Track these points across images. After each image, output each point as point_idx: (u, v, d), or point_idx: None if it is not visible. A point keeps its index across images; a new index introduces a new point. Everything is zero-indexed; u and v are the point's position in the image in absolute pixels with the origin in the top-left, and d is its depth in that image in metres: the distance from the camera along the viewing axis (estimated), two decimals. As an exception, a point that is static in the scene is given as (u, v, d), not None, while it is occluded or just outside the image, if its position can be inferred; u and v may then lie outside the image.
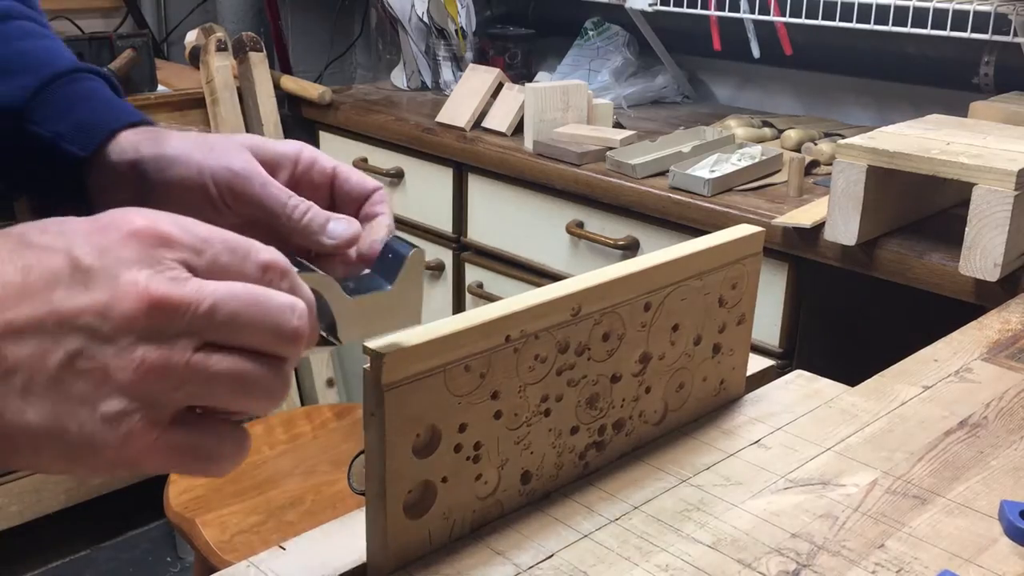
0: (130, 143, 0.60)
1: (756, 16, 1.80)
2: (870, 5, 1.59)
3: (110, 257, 0.37)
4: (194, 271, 0.39)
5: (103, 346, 0.36)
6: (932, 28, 1.53)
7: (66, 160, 0.60)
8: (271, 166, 0.57)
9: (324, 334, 0.47)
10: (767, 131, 1.75)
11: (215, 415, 0.41)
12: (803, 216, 1.31)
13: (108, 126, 0.60)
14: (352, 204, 0.57)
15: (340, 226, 0.53)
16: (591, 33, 2.12)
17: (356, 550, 0.57)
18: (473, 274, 1.85)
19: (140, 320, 0.37)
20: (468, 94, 1.85)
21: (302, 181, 0.57)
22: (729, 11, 1.80)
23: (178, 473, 0.40)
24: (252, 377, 0.39)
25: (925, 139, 1.18)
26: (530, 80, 2.04)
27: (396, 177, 1.94)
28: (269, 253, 0.41)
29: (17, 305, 0.36)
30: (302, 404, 2.13)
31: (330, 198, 0.57)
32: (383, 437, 0.52)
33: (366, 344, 0.51)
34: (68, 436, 0.37)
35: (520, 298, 0.58)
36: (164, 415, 0.38)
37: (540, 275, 1.71)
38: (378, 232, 0.54)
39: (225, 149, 0.57)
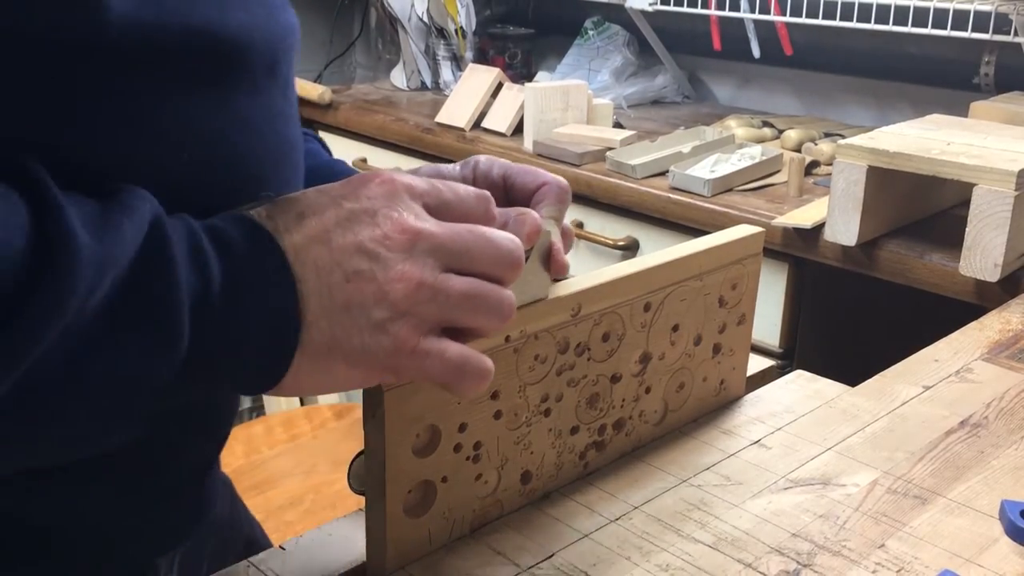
0: None
1: (756, 16, 1.80)
2: (870, 5, 1.59)
3: (369, 201, 0.46)
4: (428, 209, 0.47)
5: (374, 266, 0.45)
6: (932, 28, 1.53)
7: None
8: None
9: None
10: (767, 131, 1.75)
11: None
12: (803, 216, 1.30)
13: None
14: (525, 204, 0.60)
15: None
16: (591, 33, 2.12)
17: (356, 550, 0.57)
18: (473, 274, 1.84)
19: (401, 245, 0.45)
20: (468, 94, 1.85)
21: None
22: (729, 11, 1.80)
23: (432, 380, 0.48)
24: (484, 296, 0.47)
25: (925, 139, 1.18)
26: (530, 80, 2.04)
27: (396, 177, 1.94)
28: (480, 189, 0.50)
29: (305, 245, 0.45)
30: (301, 404, 2.13)
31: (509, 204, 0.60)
32: (383, 437, 0.52)
33: None
34: (351, 342, 0.45)
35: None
36: (421, 326, 0.46)
37: (540, 275, 1.71)
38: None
39: None
